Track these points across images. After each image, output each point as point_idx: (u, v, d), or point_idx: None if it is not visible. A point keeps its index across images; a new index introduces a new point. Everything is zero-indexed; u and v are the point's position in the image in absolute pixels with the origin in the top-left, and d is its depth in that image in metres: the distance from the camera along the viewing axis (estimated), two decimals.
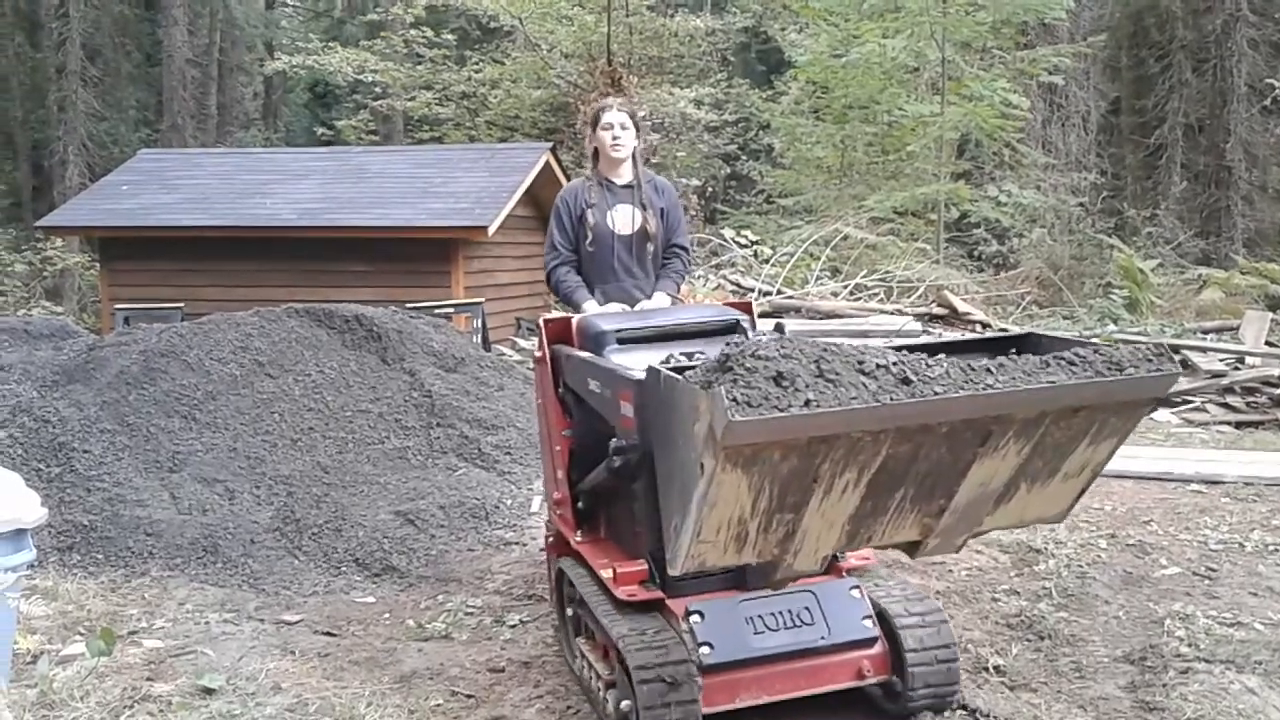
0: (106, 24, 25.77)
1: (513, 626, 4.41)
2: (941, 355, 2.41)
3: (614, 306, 4.30)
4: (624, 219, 4.44)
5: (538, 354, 4.08)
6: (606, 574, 3.41)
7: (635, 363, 3.25)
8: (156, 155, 17.33)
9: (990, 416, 2.36)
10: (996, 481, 2.55)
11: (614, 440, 3.02)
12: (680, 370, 2.54)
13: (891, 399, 2.23)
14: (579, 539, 3.82)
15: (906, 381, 2.26)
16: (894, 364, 2.29)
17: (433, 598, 4.78)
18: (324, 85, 28.08)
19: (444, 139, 22.58)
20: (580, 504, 3.86)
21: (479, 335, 10.96)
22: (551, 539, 4.23)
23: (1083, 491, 2.73)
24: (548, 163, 14.67)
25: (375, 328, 7.25)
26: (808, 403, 2.17)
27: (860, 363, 2.28)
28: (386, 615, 4.58)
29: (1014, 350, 2.56)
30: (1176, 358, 8.91)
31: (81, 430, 5.88)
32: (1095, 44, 19.74)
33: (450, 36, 23.54)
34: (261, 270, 13.30)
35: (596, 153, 4.55)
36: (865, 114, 17.53)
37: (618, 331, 3.64)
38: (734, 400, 2.13)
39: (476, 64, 22.86)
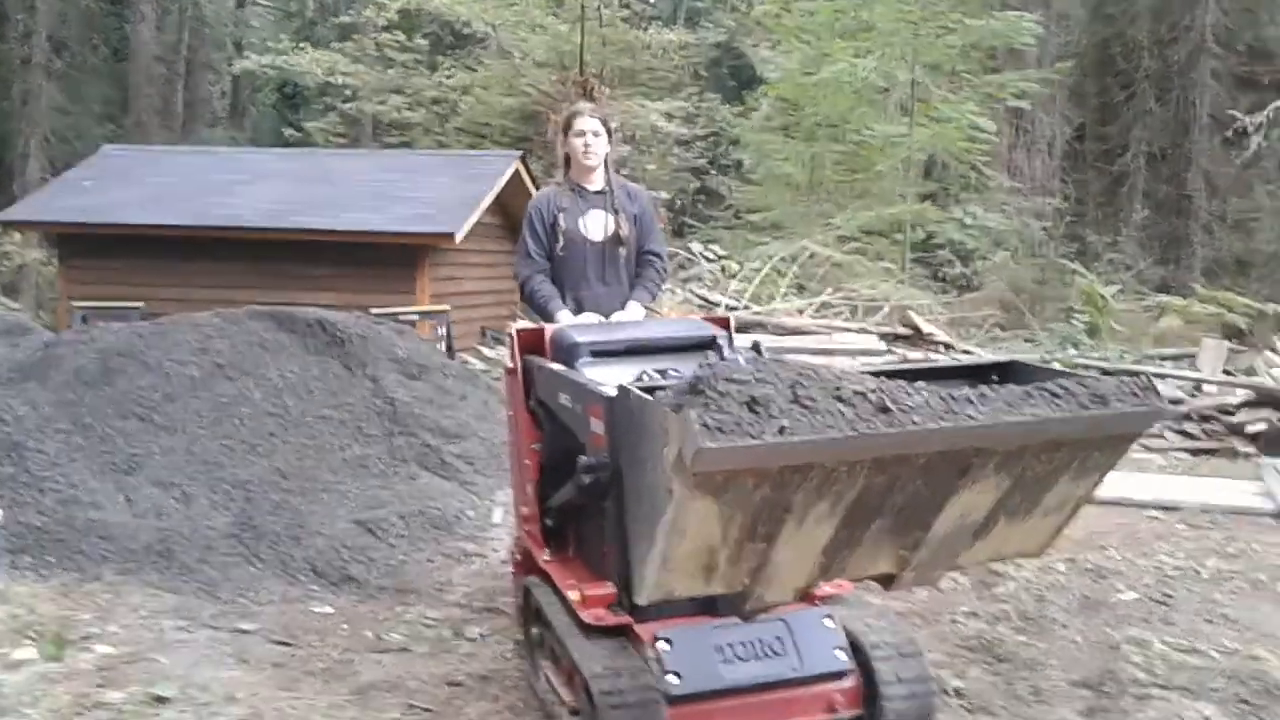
0: (74, 17, 25.46)
1: (472, 640, 4.38)
2: (921, 383, 2.33)
3: (588, 317, 4.23)
4: (596, 225, 4.40)
5: (509, 364, 3.98)
6: (574, 596, 3.30)
7: (608, 377, 3.18)
8: (120, 151, 17.09)
9: (970, 449, 2.30)
10: (975, 515, 2.50)
11: (582, 458, 2.92)
12: (652, 390, 2.48)
13: (869, 428, 2.16)
14: (546, 558, 3.71)
15: (885, 410, 2.19)
16: (872, 391, 2.22)
17: (391, 609, 4.73)
18: (293, 86, 27.87)
19: (413, 144, 22.49)
20: (549, 521, 3.76)
21: (444, 343, 10.90)
22: (519, 556, 4.11)
23: (1062, 527, 2.68)
24: (517, 171, 14.64)
25: (338, 333, 7.18)
26: (782, 430, 2.10)
27: (838, 389, 2.21)
28: (344, 626, 4.53)
29: (995, 378, 2.54)
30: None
31: (36, 430, 5.78)
32: (1062, 70, 19.99)
33: (423, 41, 23.49)
34: (223, 271, 13.14)
35: (568, 159, 4.50)
36: (834, 132, 17.65)
37: (591, 344, 3.55)
38: (705, 425, 2.05)
39: (448, 70, 22.81)
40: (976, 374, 2.76)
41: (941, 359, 9.68)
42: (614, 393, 2.68)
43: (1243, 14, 22.67)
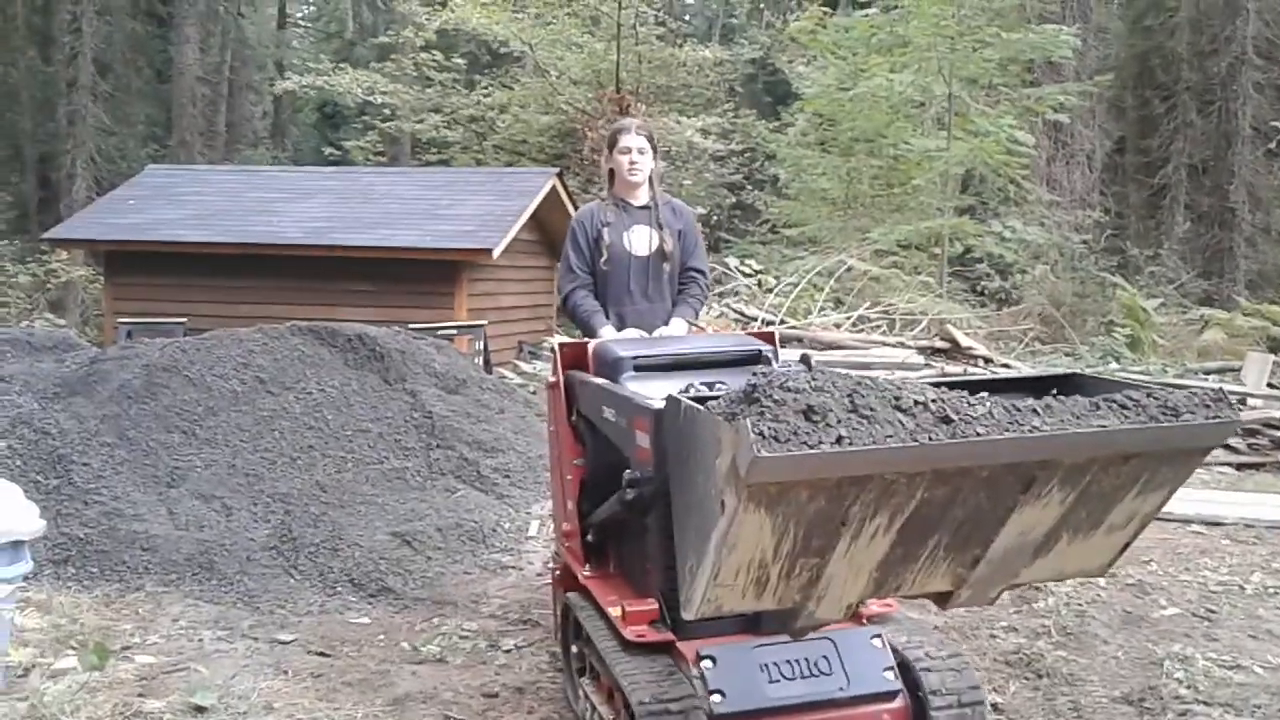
0: (118, 40, 25.92)
1: (508, 651, 4.39)
2: (984, 394, 2.24)
3: (631, 332, 4.18)
4: (641, 240, 4.35)
5: (551, 379, 3.94)
6: (615, 612, 3.22)
7: (653, 391, 3.12)
8: (164, 171, 17.38)
9: (1035, 461, 2.20)
10: (1037, 531, 2.40)
11: (628, 472, 2.87)
12: (701, 400, 2.41)
13: (930, 439, 2.07)
14: (587, 573, 3.63)
15: (947, 420, 2.10)
16: (933, 401, 2.15)
17: (428, 620, 4.75)
18: (333, 106, 28.23)
19: (451, 162, 22.68)
20: (590, 537, 3.69)
21: (480, 357, 10.96)
22: (558, 571, 4.05)
23: (1128, 545, 2.56)
24: (554, 188, 14.73)
25: (378, 347, 7.25)
26: (840, 440, 2.02)
27: (897, 398, 2.14)
28: (381, 637, 4.56)
29: (1056, 391, 2.42)
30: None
31: (81, 443, 5.87)
32: (1101, 83, 19.83)
33: (460, 60, 23.70)
34: (265, 288, 13.33)
35: (612, 174, 4.46)
36: (871, 147, 17.61)
37: (635, 358, 3.47)
38: (760, 434, 1.97)
39: (485, 88, 22.99)
40: (1038, 386, 2.66)
41: (984, 373, 9.61)
42: (661, 405, 2.60)
43: None
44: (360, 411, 6.72)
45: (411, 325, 9.71)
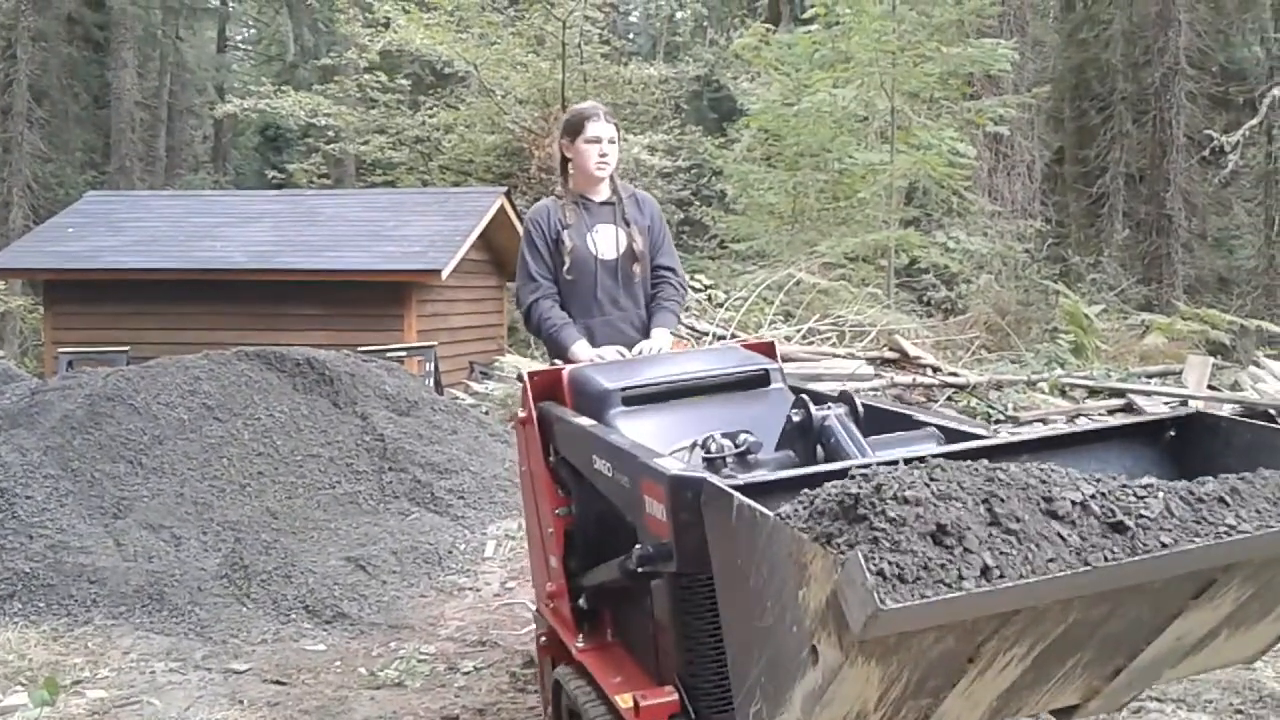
0: (54, 65, 25.54)
1: (467, 674, 4.36)
2: (1151, 482, 1.76)
3: (608, 351, 3.67)
4: (607, 241, 3.86)
5: (521, 414, 3.33)
6: (624, 703, 2.70)
7: (651, 432, 2.70)
8: (103, 197, 17.13)
9: (1221, 565, 1.76)
10: (1197, 633, 1.98)
11: (637, 548, 2.32)
12: (732, 456, 2.13)
13: (1106, 557, 1.58)
14: (581, 646, 3.11)
15: (1119, 528, 1.63)
16: (1094, 499, 1.67)
17: (385, 645, 4.71)
18: (275, 129, 27.98)
19: (397, 183, 22.56)
20: (582, 601, 3.14)
21: (431, 379, 10.90)
22: (544, 637, 3.50)
23: None
24: (502, 207, 14.71)
25: (327, 371, 7.18)
26: (986, 572, 1.51)
27: (1048, 500, 1.65)
28: (338, 663, 4.50)
29: (1172, 432, 2.10)
30: (1121, 401, 8.90)
31: (24, 475, 5.76)
32: (1039, 95, 20.19)
33: (404, 81, 23.60)
34: (211, 314, 13.16)
35: (566, 166, 3.95)
36: (816, 161, 17.76)
37: (624, 390, 2.95)
38: (880, 574, 1.46)
39: (430, 109, 22.91)
40: (1145, 432, 2.26)
41: (1094, 419, 9.68)
42: (680, 472, 2.11)
43: (1215, 35, 22.98)
44: (310, 436, 6.65)
45: (361, 348, 9.64)
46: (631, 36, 33.21)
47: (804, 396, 2.32)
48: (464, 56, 20.69)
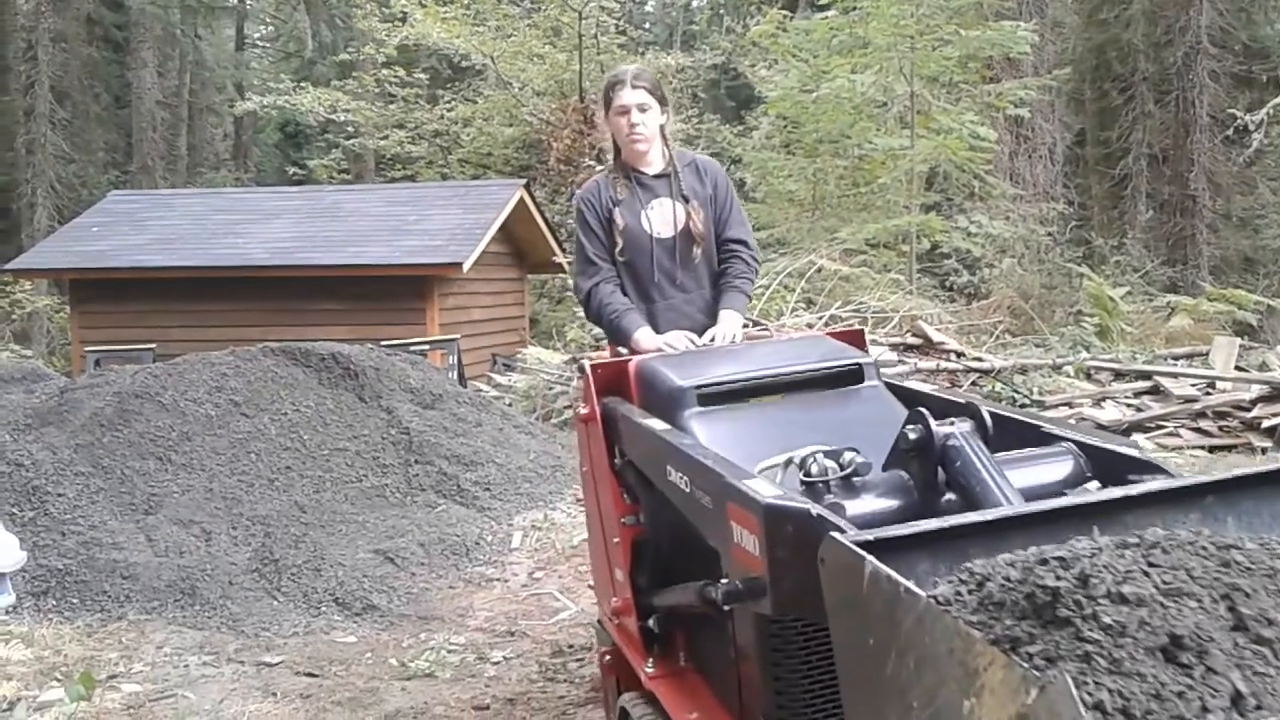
0: (75, 67, 25.70)
1: (496, 663, 4.38)
2: None
3: (675, 337, 3.37)
4: (662, 218, 3.55)
5: (582, 410, 3.03)
6: None
7: (727, 436, 2.40)
8: (126, 197, 17.25)
9: None
10: None
11: (724, 582, 2.02)
12: (836, 491, 1.82)
13: None
14: (652, 671, 2.77)
15: None
16: None
17: (415, 636, 4.74)
18: (295, 125, 28.10)
19: (416, 177, 22.63)
20: (652, 622, 2.79)
21: (454, 371, 10.93)
22: (608, 655, 3.19)
23: None
24: (521, 199, 14.73)
25: (352, 365, 7.22)
26: (1238, 700, 1.13)
27: None
28: (368, 655, 4.54)
29: None
30: (1148, 383, 8.81)
31: (55, 473, 5.81)
32: (1060, 77, 20.01)
33: (422, 76, 23.64)
34: (235, 310, 13.25)
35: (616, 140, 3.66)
36: (836, 148, 17.67)
37: (699, 388, 2.61)
38: (1099, 709, 1.10)
39: (448, 103, 22.96)
40: None
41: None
42: (774, 500, 1.79)
43: (1238, 13, 22.71)
44: (336, 430, 6.69)
45: (384, 342, 9.67)
46: (648, 26, 33.13)
47: (923, 411, 1.94)
48: (481, 49, 20.71)
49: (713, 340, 3.36)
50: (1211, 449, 8.39)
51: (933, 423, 1.89)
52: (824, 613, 1.53)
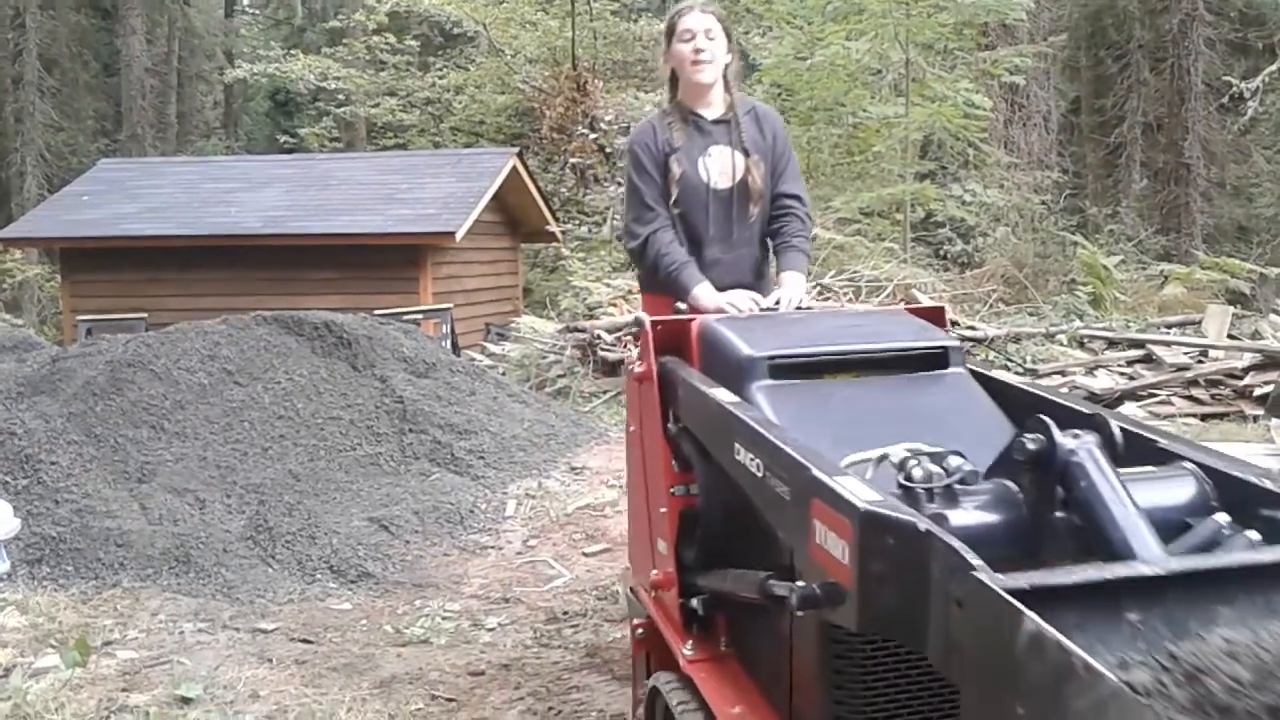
0: (63, 34, 25.50)
1: (491, 630, 4.39)
2: None
3: (740, 296, 3.09)
4: (720, 168, 3.29)
5: (638, 367, 2.76)
6: None
7: (798, 414, 2.20)
8: (116, 165, 17.16)
9: None
10: None
11: (799, 585, 1.77)
12: (939, 500, 1.65)
13: None
14: (690, 654, 2.53)
15: None
16: None
17: (409, 603, 4.75)
18: (285, 93, 27.91)
19: (408, 145, 22.51)
20: (695, 603, 2.56)
21: (448, 341, 10.92)
22: (641, 629, 2.94)
23: None
24: (514, 168, 14.67)
25: (345, 334, 7.20)
26: None
27: None
28: (363, 621, 4.55)
29: None
30: (1140, 352, 8.85)
31: (48, 442, 5.80)
32: (1055, 44, 19.96)
33: (413, 43, 23.49)
34: (227, 279, 13.20)
35: (674, 79, 3.39)
36: (830, 116, 17.62)
37: (771, 358, 2.36)
38: None
39: (440, 70, 22.81)
40: None
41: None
42: (873, 506, 1.55)
43: None
44: (330, 399, 6.68)
45: (377, 311, 9.66)
46: None
47: (1046, 420, 1.67)
48: (472, 16, 20.57)
49: (778, 304, 3.10)
50: (1203, 417, 8.42)
51: (1057, 434, 1.66)
52: (918, 637, 1.44)
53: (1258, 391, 8.47)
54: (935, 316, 2.73)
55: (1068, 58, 23.54)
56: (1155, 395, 8.73)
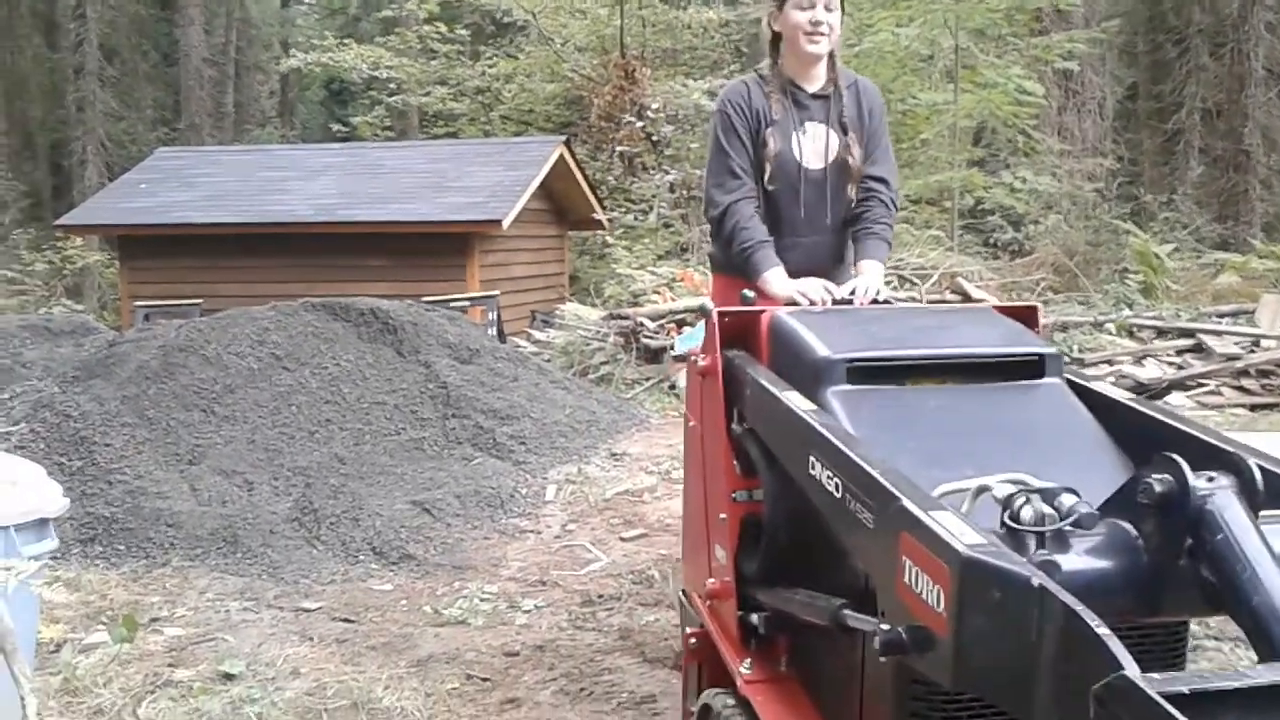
0: (123, 24, 25.97)
1: (527, 612, 4.47)
2: None
3: (813, 286, 2.88)
4: (815, 146, 3.09)
5: (702, 361, 2.55)
6: None
7: (876, 422, 2.02)
8: (174, 153, 17.46)
9: None
10: None
11: (883, 628, 1.57)
12: (1050, 544, 1.49)
13: None
14: (748, 674, 2.35)
15: None
16: None
17: (449, 585, 4.84)
18: (339, 82, 28.22)
19: (458, 134, 22.65)
20: (755, 618, 2.36)
21: (494, 328, 11.03)
22: (695, 639, 2.72)
23: None
24: (561, 156, 14.74)
25: (391, 320, 7.32)
26: None
27: None
28: (403, 602, 4.64)
29: None
30: (1190, 341, 8.75)
31: (102, 424, 5.96)
32: (1110, 29, 19.63)
33: (464, 32, 23.61)
34: (279, 266, 13.41)
35: (776, 41, 3.15)
36: None
37: (850, 361, 2.15)
38: None
39: (490, 59, 22.92)
40: None
41: None
42: (979, 554, 1.38)
43: None
44: (375, 384, 6.80)
45: (424, 298, 9.78)
46: None
47: (1175, 458, 1.48)
48: (522, 5, 20.64)
49: (853, 294, 2.88)
50: (1253, 407, 8.31)
51: (1190, 476, 1.46)
52: (1023, 706, 1.30)
53: None
54: (1027, 317, 2.47)
55: (1124, 43, 23.16)
56: (1204, 385, 8.62)
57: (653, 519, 5.64)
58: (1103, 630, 1.19)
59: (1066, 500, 1.54)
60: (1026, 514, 1.53)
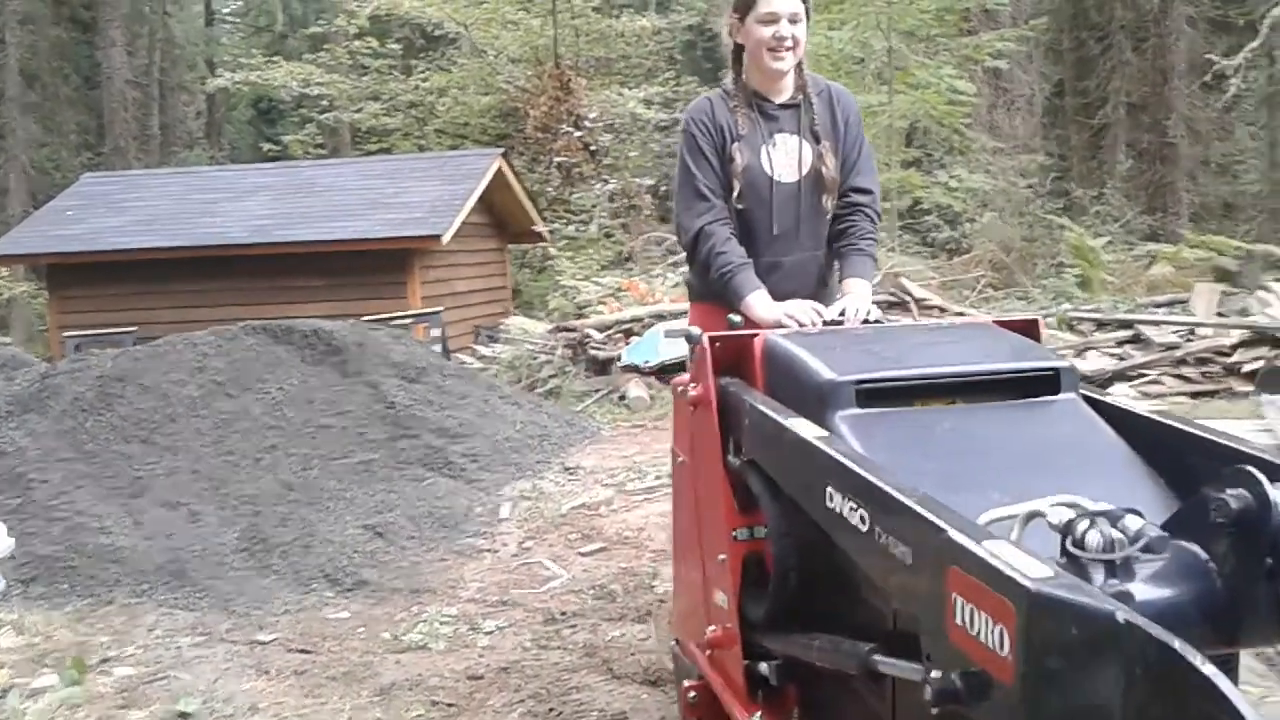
0: (43, 48, 25.38)
1: (489, 633, 4.39)
2: None
3: (800, 308, 2.74)
4: (786, 159, 2.95)
5: (694, 390, 2.41)
6: None
7: (892, 449, 1.87)
8: (101, 179, 17.09)
9: None
10: None
11: (934, 676, 1.39)
12: (1120, 574, 1.37)
13: None
14: None
15: None
16: None
17: (407, 609, 4.74)
18: (268, 101, 27.85)
19: (393, 149, 22.46)
20: (763, 667, 2.21)
21: (438, 344, 10.91)
22: (694, 693, 2.56)
23: None
24: (500, 169, 14.66)
25: (334, 341, 7.19)
26: None
27: None
28: (361, 629, 4.54)
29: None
30: (1129, 332, 8.88)
31: (39, 460, 5.79)
32: (1037, 28, 19.96)
33: (395, 46, 23.43)
34: (215, 290, 13.17)
35: (739, 53, 3.03)
36: None
37: (859, 383, 2.03)
38: None
39: (423, 73, 22.77)
40: None
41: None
42: (1054, 589, 1.20)
43: None
44: (321, 407, 6.67)
45: (366, 317, 9.64)
46: None
47: (1251, 470, 1.38)
48: (454, 17, 20.54)
49: (842, 314, 2.76)
50: (1194, 395, 8.45)
51: (1270, 489, 1.33)
52: None
53: (1247, 368, 8.50)
54: (1028, 330, 2.39)
55: (1050, 40, 23.56)
56: (1145, 375, 8.75)
57: (610, 532, 5.57)
58: (1209, 669, 1.07)
59: (1133, 523, 1.41)
60: (1093, 539, 1.39)
